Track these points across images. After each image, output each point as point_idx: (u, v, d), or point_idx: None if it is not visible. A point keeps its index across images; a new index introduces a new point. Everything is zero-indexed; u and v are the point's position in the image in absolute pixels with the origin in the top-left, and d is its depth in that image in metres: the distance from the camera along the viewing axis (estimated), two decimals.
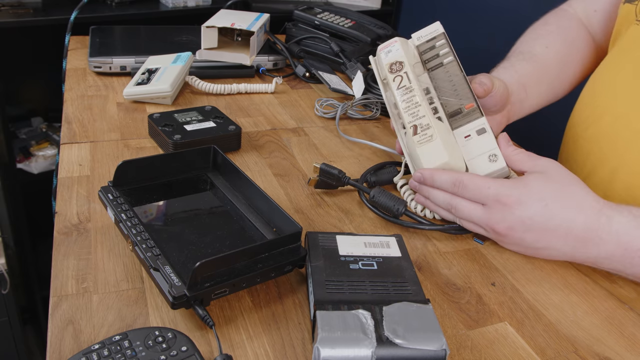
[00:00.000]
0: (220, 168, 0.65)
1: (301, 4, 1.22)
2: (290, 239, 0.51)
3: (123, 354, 0.42)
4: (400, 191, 0.69)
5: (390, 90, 0.67)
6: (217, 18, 1.02)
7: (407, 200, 0.67)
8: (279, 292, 0.53)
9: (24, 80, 1.86)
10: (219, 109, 0.82)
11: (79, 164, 0.71)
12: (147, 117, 0.78)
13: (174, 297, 0.46)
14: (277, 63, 1.07)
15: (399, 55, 0.67)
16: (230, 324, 0.49)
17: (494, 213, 0.59)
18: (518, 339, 0.50)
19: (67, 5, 1.53)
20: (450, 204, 0.62)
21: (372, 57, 0.72)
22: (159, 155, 0.63)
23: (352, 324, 0.44)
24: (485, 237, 0.63)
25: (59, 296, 0.50)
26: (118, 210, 0.55)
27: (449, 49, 0.67)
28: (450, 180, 0.61)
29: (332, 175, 0.68)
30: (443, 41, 0.68)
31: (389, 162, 0.76)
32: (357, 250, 0.54)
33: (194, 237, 0.55)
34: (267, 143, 0.82)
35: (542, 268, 0.60)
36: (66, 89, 0.92)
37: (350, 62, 1.01)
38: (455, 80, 0.66)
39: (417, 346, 0.43)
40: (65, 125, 0.81)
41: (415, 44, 0.70)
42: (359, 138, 0.84)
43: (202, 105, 0.83)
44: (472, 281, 0.57)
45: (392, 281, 0.50)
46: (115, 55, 0.98)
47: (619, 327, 0.53)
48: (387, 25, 1.18)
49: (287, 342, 0.48)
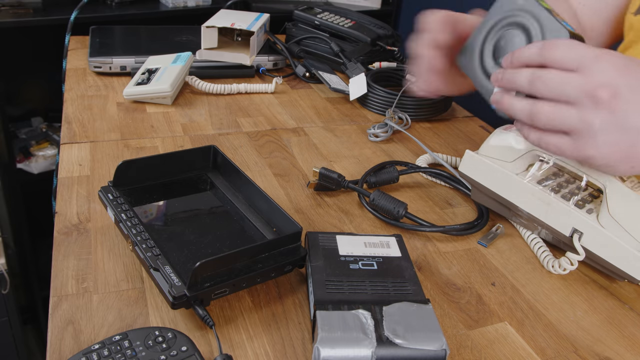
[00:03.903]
0: (220, 168, 0.65)
1: (301, 4, 1.22)
2: (290, 239, 0.51)
3: (123, 354, 0.42)
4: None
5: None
6: (217, 18, 1.02)
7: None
8: (279, 292, 0.53)
9: (24, 80, 1.86)
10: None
11: (79, 164, 0.71)
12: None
13: (174, 297, 0.46)
14: (277, 63, 1.07)
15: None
16: (230, 324, 0.49)
17: (595, 73, 0.48)
18: (518, 339, 0.50)
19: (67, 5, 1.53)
20: (534, 76, 0.51)
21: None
22: (159, 155, 0.63)
23: (352, 324, 0.44)
24: (489, 241, 0.63)
25: (59, 296, 0.50)
26: (118, 210, 0.55)
27: None
28: (535, 48, 0.52)
29: (331, 179, 0.68)
30: None
31: (389, 162, 0.76)
32: (357, 250, 0.54)
33: (194, 237, 0.55)
34: (267, 143, 0.81)
35: (542, 268, 0.60)
36: (66, 89, 0.92)
37: (350, 62, 1.01)
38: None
39: (417, 346, 0.43)
40: (65, 125, 0.81)
41: None
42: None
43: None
44: (472, 281, 0.57)
45: (392, 281, 0.50)
46: (115, 55, 0.98)
47: (619, 327, 0.53)
48: (387, 25, 1.18)
49: (287, 342, 0.48)
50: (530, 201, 0.61)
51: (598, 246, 0.57)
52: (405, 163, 0.76)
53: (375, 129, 0.85)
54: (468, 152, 0.65)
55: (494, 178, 0.63)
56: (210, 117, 0.87)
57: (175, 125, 0.83)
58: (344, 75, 1.06)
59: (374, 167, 0.74)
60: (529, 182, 0.61)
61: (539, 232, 0.63)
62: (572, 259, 0.57)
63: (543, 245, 0.62)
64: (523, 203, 0.61)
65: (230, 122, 0.86)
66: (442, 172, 0.74)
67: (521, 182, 0.61)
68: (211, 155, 0.66)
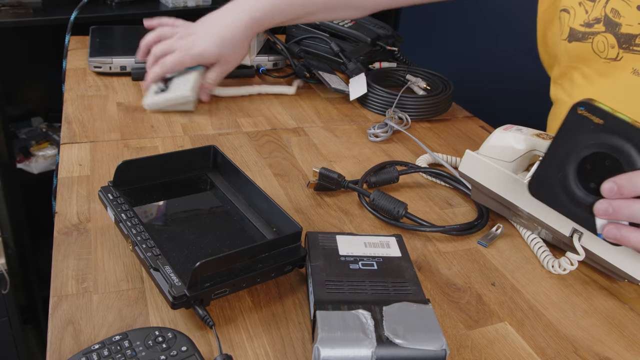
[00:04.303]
0: (220, 168, 0.65)
1: None
2: (290, 239, 0.51)
3: (123, 354, 0.42)
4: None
5: None
6: None
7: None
8: (279, 292, 0.53)
9: (24, 80, 1.86)
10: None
11: (79, 164, 0.71)
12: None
13: (174, 297, 0.46)
14: (277, 63, 1.07)
15: None
16: (230, 324, 0.49)
17: None
18: (518, 339, 0.50)
19: (67, 5, 1.53)
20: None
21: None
22: (159, 155, 0.63)
23: (352, 324, 0.44)
24: (488, 241, 0.63)
25: (59, 296, 0.50)
26: (118, 210, 0.55)
27: None
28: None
29: (331, 179, 0.68)
30: None
31: (389, 162, 0.76)
32: (357, 250, 0.54)
33: (194, 237, 0.55)
34: (267, 143, 0.81)
35: (542, 268, 0.60)
36: (66, 89, 0.92)
37: (350, 62, 1.01)
38: None
39: (417, 346, 0.43)
40: (65, 125, 0.81)
41: None
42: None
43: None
44: (472, 281, 0.57)
45: (392, 281, 0.50)
46: (115, 55, 0.98)
47: (619, 327, 0.53)
48: (387, 25, 1.18)
49: (287, 342, 0.48)
50: (530, 201, 0.60)
51: (598, 246, 0.57)
52: (405, 163, 0.76)
53: (375, 129, 0.85)
54: (468, 152, 0.65)
55: (494, 178, 0.63)
56: (210, 117, 0.87)
57: (175, 125, 0.83)
58: (344, 75, 1.06)
59: (374, 167, 0.74)
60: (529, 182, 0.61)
61: (539, 232, 0.63)
62: (572, 259, 0.57)
63: (543, 245, 0.62)
64: (523, 203, 0.61)
65: (230, 122, 0.86)
66: (442, 172, 0.74)
67: (521, 182, 0.61)
68: (211, 155, 0.66)
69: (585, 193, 0.53)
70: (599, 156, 0.52)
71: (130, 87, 0.95)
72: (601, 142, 0.51)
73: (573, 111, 0.52)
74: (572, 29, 0.75)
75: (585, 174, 0.53)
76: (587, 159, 0.53)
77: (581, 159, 0.53)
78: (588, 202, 0.53)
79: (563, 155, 0.54)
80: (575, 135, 0.53)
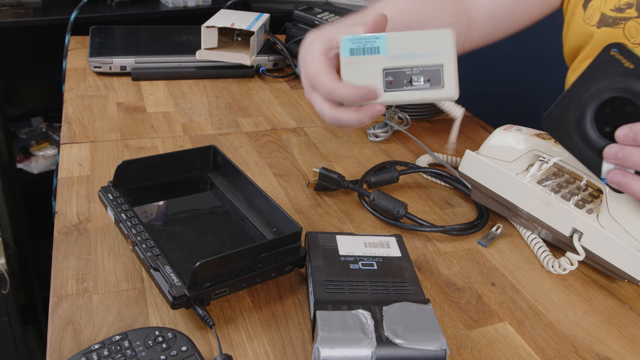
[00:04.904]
0: (220, 168, 0.65)
1: (301, 4, 1.22)
2: (290, 239, 0.51)
3: (123, 354, 0.42)
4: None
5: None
6: (217, 18, 1.02)
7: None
8: (279, 292, 0.53)
9: (24, 80, 1.85)
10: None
11: (79, 164, 0.71)
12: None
13: (174, 297, 0.46)
14: (277, 63, 1.07)
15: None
16: (230, 324, 0.49)
17: None
18: (518, 339, 0.50)
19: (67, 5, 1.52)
20: None
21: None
22: (159, 155, 0.63)
23: (352, 324, 0.44)
24: (488, 241, 0.63)
25: (59, 296, 0.50)
26: (118, 210, 0.55)
27: None
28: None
29: (331, 179, 0.68)
30: None
31: (389, 162, 0.76)
32: (357, 250, 0.54)
33: (194, 237, 0.55)
34: (267, 143, 0.81)
35: (542, 268, 0.60)
36: (66, 89, 0.92)
37: None
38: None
39: (417, 346, 0.43)
40: (65, 125, 0.81)
41: None
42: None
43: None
44: (472, 281, 0.57)
45: (392, 281, 0.50)
46: (115, 55, 0.98)
47: (619, 327, 0.53)
48: None
49: (287, 342, 0.48)
50: (530, 201, 0.61)
51: (598, 246, 0.57)
52: (405, 163, 0.76)
53: (375, 129, 0.85)
54: (468, 152, 0.65)
55: (494, 178, 0.63)
56: (210, 117, 0.87)
57: (175, 125, 0.83)
58: None
59: (374, 167, 0.74)
60: (529, 182, 0.61)
61: (539, 232, 0.63)
62: (572, 259, 0.57)
63: (543, 245, 0.62)
64: (523, 203, 0.61)
65: (230, 122, 0.86)
66: (442, 172, 0.74)
67: (521, 182, 0.61)
68: (211, 155, 0.66)
69: (598, 135, 0.53)
70: (621, 101, 0.51)
71: (130, 87, 0.95)
72: (627, 87, 0.50)
73: (605, 51, 0.51)
74: (603, 14, 0.75)
75: (603, 116, 0.52)
76: (609, 101, 0.52)
77: (603, 100, 0.52)
78: (599, 145, 0.52)
79: (586, 93, 0.53)
80: (603, 75, 0.52)
